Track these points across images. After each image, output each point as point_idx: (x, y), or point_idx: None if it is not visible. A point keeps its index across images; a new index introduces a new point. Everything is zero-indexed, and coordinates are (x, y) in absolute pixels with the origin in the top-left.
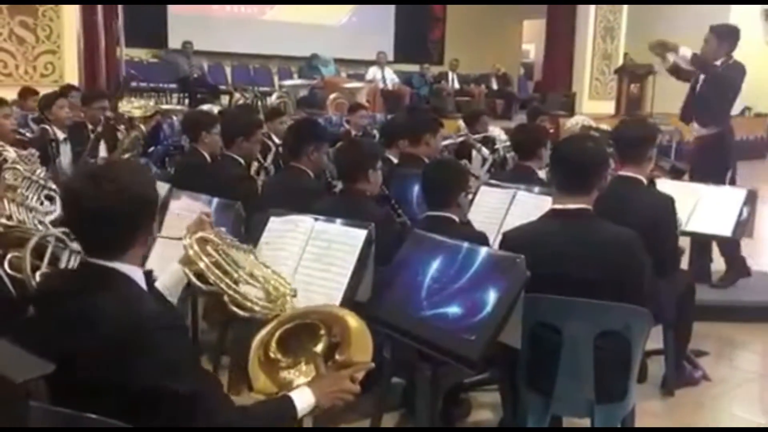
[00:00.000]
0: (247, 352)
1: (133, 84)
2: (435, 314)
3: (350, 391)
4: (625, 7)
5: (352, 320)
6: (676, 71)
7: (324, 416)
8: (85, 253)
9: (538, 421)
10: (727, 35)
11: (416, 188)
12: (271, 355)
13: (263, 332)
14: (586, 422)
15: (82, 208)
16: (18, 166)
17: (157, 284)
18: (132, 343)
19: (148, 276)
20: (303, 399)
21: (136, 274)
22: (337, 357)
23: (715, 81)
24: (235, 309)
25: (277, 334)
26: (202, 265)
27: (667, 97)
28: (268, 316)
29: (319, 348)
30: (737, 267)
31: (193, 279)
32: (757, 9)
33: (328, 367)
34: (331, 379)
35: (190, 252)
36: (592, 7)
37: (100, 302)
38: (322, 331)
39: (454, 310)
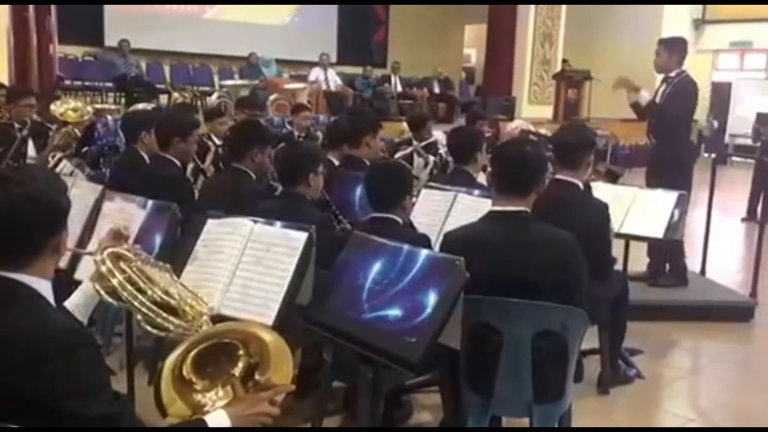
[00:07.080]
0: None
1: (67, 82)
2: (376, 317)
3: (269, 414)
4: (564, 13)
5: (270, 338)
6: (636, 108)
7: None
8: None
9: (477, 421)
10: (675, 46)
11: (358, 191)
12: (186, 376)
13: (176, 353)
14: (525, 422)
15: None
16: None
17: (67, 303)
18: (33, 362)
19: (57, 287)
20: (218, 423)
21: (42, 286)
22: (257, 377)
23: (663, 119)
24: (148, 328)
25: (192, 354)
26: (114, 282)
27: (603, 103)
28: (184, 336)
29: (238, 369)
30: (679, 272)
31: (105, 296)
32: (686, 18)
33: (248, 389)
34: (249, 402)
35: (102, 268)
36: (532, 13)
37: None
38: (241, 351)
39: (394, 312)
